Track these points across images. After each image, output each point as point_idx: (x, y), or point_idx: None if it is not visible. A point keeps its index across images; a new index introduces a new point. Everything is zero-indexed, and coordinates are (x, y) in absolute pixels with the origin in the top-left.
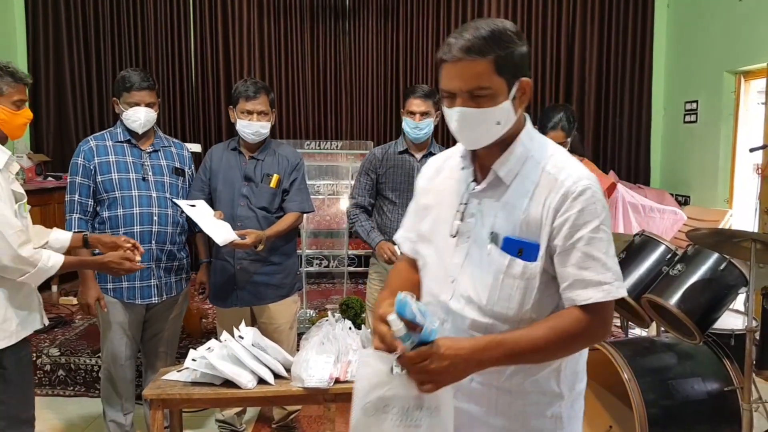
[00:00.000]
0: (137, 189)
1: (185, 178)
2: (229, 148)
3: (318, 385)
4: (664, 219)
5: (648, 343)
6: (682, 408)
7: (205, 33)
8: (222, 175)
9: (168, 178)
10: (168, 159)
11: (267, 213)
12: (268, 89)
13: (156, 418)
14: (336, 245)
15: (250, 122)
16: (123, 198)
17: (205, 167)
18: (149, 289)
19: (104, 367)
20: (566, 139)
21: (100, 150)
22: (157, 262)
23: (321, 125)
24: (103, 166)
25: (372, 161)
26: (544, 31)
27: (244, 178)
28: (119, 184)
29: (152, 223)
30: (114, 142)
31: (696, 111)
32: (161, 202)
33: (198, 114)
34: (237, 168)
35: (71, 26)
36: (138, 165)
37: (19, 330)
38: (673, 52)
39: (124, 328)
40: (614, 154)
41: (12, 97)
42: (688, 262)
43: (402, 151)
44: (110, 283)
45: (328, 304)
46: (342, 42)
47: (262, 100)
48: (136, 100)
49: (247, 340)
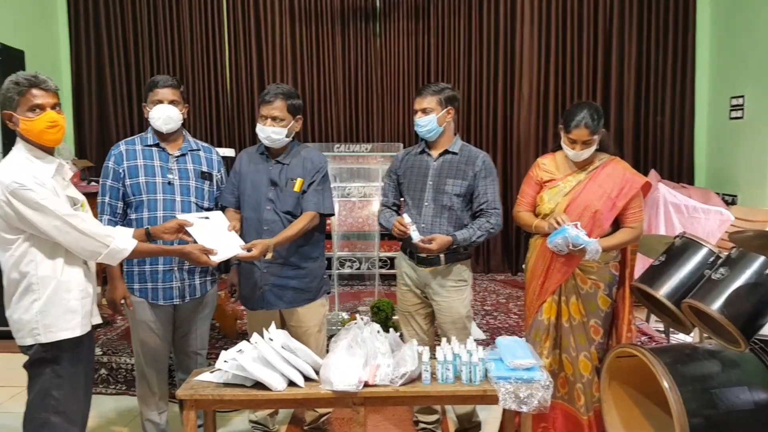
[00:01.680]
0: (162, 193)
1: (213, 182)
2: (258, 151)
3: (347, 389)
4: (710, 220)
5: (690, 350)
6: (726, 418)
7: (239, 41)
8: (250, 178)
9: (194, 182)
10: (195, 163)
11: (292, 217)
12: (289, 95)
13: (189, 418)
14: (367, 247)
15: (263, 127)
16: (149, 201)
17: (235, 170)
18: (171, 291)
19: (137, 367)
20: (591, 136)
21: (130, 154)
22: (180, 264)
23: (352, 128)
24: (131, 170)
25: (394, 163)
26: (580, 25)
27: (269, 182)
28: (146, 188)
29: None
30: (143, 146)
31: (742, 106)
32: (185, 206)
33: (233, 120)
34: (264, 172)
35: (111, 39)
36: (165, 169)
37: (83, 323)
38: (718, 45)
39: (151, 327)
40: (656, 153)
41: (27, 103)
42: (732, 265)
43: (421, 151)
44: (137, 284)
45: (361, 306)
46: (373, 44)
47: (277, 106)
48: (159, 98)
49: (276, 342)
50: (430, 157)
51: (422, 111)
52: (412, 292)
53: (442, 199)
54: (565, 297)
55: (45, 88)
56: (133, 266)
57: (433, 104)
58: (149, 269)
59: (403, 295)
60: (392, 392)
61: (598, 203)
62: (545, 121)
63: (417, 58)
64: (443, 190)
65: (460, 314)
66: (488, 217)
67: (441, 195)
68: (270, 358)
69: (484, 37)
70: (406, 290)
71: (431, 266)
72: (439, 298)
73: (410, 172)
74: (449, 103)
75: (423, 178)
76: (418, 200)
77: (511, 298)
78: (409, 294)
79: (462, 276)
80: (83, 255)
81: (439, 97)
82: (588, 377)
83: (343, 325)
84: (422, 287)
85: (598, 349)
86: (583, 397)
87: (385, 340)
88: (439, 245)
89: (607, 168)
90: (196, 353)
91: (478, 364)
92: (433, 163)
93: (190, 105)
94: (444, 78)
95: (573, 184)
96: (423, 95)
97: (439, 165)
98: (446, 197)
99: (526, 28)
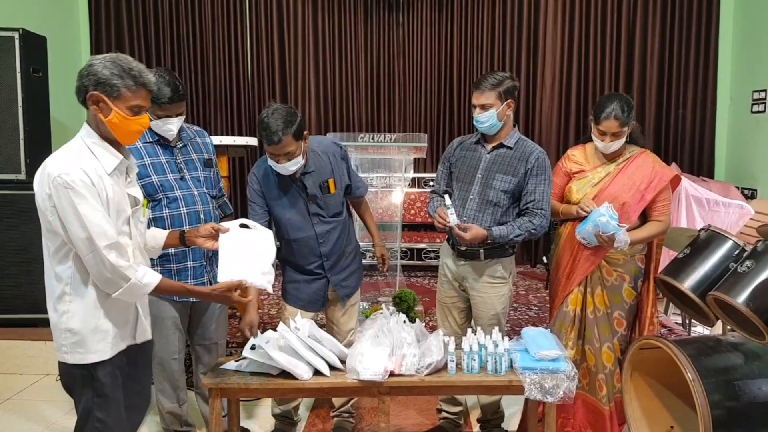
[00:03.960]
0: (179, 189)
1: (214, 168)
2: (274, 173)
3: (373, 378)
4: (730, 213)
5: (713, 342)
6: (748, 410)
7: (261, 31)
8: (282, 201)
9: (202, 172)
10: (197, 152)
11: (339, 217)
12: (289, 124)
13: (215, 406)
14: (389, 238)
15: (279, 165)
16: (168, 200)
17: (256, 194)
18: (203, 286)
19: (157, 362)
20: (622, 128)
21: (134, 153)
22: (206, 258)
23: (374, 118)
24: (140, 170)
25: (448, 150)
26: (603, 18)
27: (306, 197)
28: (161, 187)
29: (200, 221)
30: (143, 143)
31: (765, 100)
32: (203, 198)
33: (254, 109)
34: (293, 188)
35: (132, 27)
36: (173, 164)
37: (115, 343)
38: (741, 39)
39: (176, 324)
40: (677, 146)
41: (129, 101)
42: (757, 258)
43: (476, 141)
44: None
45: (381, 297)
46: (395, 34)
47: (285, 144)
48: (168, 113)
49: (303, 331)
50: (483, 148)
51: (481, 107)
52: (450, 284)
53: (488, 194)
54: (590, 288)
55: (150, 90)
56: (155, 266)
57: (492, 99)
58: (176, 268)
59: (442, 286)
60: (418, 382)
61: (626, 195)
62: (567, 112)
63: (440, 49)
64: (491, 185)
65: (496, 310)
66: (532, 216)
67: (488, 190)
68: (296, 346)
69: (507, 28)
70: (445, 281)
71: (471, 260)
72: (475, 293)
73: (462, 162)
74: (509, 95)
75: (473, 170)
76: (465, 192)
77: (530, 290)
78: (447, 286)
79: (500, 273)
80: (99, 283)
81: (498, 90)
82: (610, 368)
83: (364, 315)
84: (460, 280)
85: (621, 341)
86: (605, 387)
87: (411, 330)
88: (473, 236)
89: (637, 160)
90: (216, 344)
91: (503, 354)
92: (486, 155)
93: (210, 94)
94: (467, 69)
95: (602, 176)
96: (481, 90)
97: (492, 158)
98: (493, 192)
99: (549, 19)
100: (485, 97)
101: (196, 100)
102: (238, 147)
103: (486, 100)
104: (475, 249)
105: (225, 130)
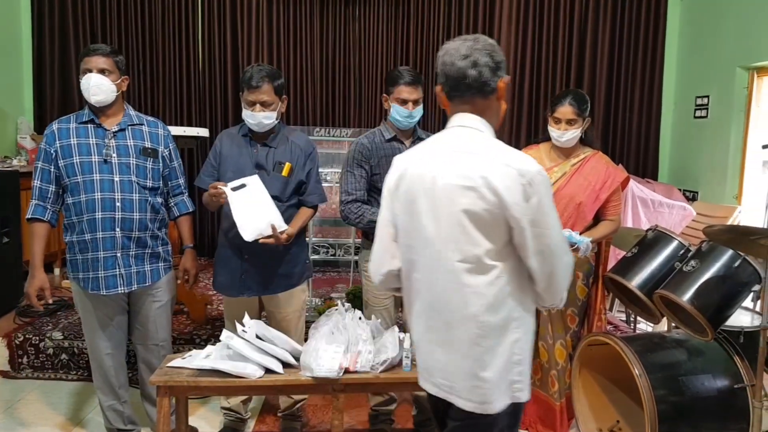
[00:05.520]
0: (99, 173)
1: (158, 159)
2: (241, 133)
3: (327, 375)
4: (673, 214)
5: (658, 339)
6: (691, 404)
7: (212, 17)
8: (232, 161)
9: (135, 160)
10: (137, 139)
11: (278, 202)
12: (274, 76)
13: (163, 404)
14: (342, 234)
15: (254, 113)
16: (85, 183)
17: (215, 152)
18: (114, 279)
19: (91, 358)
20: (576, 116)
21: (62, 133)
22: (124, 250)
23: (330, 112)
24: (64, 150)
25: (362, 152)
26: (556, 22)
27: (255, 165)
28: (80, 168)
29: (115, 210)
30: (78, 124)
31: (707, 106)
32: (125, 186)
33: (205, 99)
34: (248, 155)
35: (77, 8)
36: (101, 146)
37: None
38: (686, 47)
39: (99, 318)
40: (623, 148)
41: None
42: (702, 258)
43: (390, 138)
44: (81, 273)
45: (334, 293)
46: (352, 28)
47: (265, 90)
48: (88, 67)
49: (250, 333)
50: (402, 145)
51: (414, 102)
52: None
53: None
54: None
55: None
56: (76, 254)
57: (421, 93)
58: (90, 257)
59: (379, 291)
60: (373, 378)
61: (582, 195)
62: (519, 112)
63: (396, 44)
64: None
65: None
66: None
67: None
68: (243, 352)
69: (462, 26)
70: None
71: None
72: None
73: (386, 161)
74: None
75: None
76: None
77: None
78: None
79: None
80: (549, 296)
81: (421, 84)
82: (562, 364)
83: (317, 311)
84: None
85: (573, 337)
86: (557, 383)
87: (367, 327)
88: None
89: (591, 161)
90: (156, 345)
91: None
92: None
93: (160, 83)
94: (422, 65)
95: (558, 176)
96: (415, 85)
97: None
98: None
99: (504, 19)
100: (418, 91)
101: (145, 88)
102: (188, 138)
103: (419, 95)
104: None
105: (174, 119)
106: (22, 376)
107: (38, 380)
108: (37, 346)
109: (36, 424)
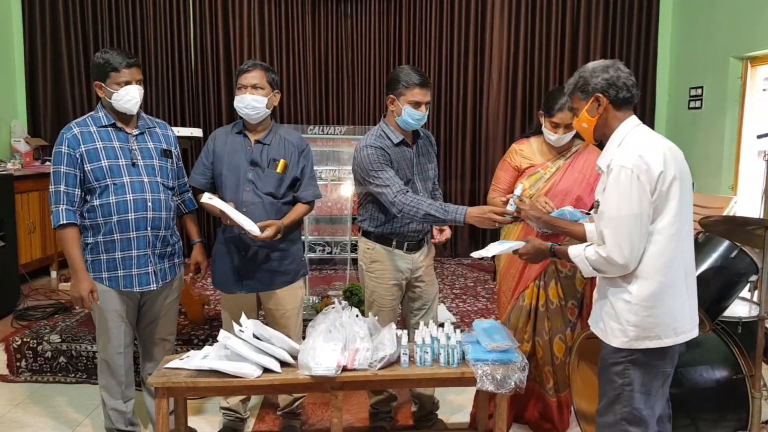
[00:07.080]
0: (128, 175)
1: (173, 160)
2: (234, 131)
3: (325, 373)
4: None
5: None
6: (690, 395)
7: (204, 16)
8: (227, 159)
9: (158, 161)
10: (155, 141)
11: (273, 198)
12: (267, 67)
13: (161, 405)
14: (338, 231)
15: (243, 96)
16: (115, 185)
17: (207, 151)
18: (147, 276)
19: (101, 357)
20: (574, 120)
21: (86, 137)
22: (153, 248)
23: (323, 110)
24: (90, 154)
25: (384, 154)
26: (549, 13)
27: (249, 162)
28: (110, 171)
29: (146, 210)
30: (98, 127)
31: (701, 97)
32: (153, 187)
33: (197, 99)
34: (242, 152)
35: (68, 10)
36: (126, 150)
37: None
38: (679, 38)
39: (122, 316)
40: None
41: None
42: (698, 249)
43: (399, 142)
44: (105, 272)
45: (331, 291)
46: (344, 26)
47: (256, 74)
48: (127, 79)
49: (247, 333)
50: (409, 148)
51: (426, 104)
52: (398, 286)
53: (430, 182)
54: (544, 282)
55: None
56: (100, 254)
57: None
58: (120, 256)
59: (387, 291)
60: (371, 376)
61: (579, 189)
62: (513, 107)
63: (388, 41)
64: (429, 177)
65: (436, 284)
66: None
67: (428, 182)
68: (241, 352)
69: (455, 23)
70: (392, 285)
71: (420, 248)
72: (425, 276)
73: (397, 167)
74: None
75: (410, 170)
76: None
77: (478, 282)
78: (395, 288)
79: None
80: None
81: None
82: (562, 359)
83: (315, 309)
84: (411, 274)
85: (574, 330)
86: (552, 379)
87: (364, 324)
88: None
89: (584, 154)
90: (164, 339)
91: (455, 346)
92: (412, 154)
93: (153, 82)
94: (415, 61)
95: (553, 171)
96: (428, 87)
97: (417, 150)
98: (432, 181)
99: (496, 14)
100: (429, 93)
101: None
102: (182, 138)
103: (429, 97)
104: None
105: (167, 120)
106: (20, 380)
107: (37, 383)
108: (35, 349)
109: (36, 427)
